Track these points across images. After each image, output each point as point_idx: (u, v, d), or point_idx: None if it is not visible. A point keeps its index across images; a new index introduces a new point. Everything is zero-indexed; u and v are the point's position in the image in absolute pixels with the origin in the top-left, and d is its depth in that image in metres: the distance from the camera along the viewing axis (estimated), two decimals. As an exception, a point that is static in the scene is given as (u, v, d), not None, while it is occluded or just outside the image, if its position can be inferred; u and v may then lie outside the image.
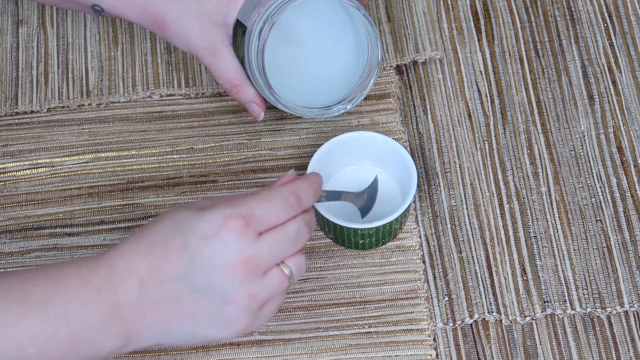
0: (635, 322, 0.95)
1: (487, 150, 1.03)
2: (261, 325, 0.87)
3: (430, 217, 1.00)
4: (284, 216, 0.81)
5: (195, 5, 0.95)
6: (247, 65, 0.96)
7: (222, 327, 0.81)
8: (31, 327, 0.77)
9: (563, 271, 0.97)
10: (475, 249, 0.98)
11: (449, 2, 1.11)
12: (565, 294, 0.96)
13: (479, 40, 1.09)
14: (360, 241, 0.95)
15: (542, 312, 0.95)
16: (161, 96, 1.06)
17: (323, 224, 0.96)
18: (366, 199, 0.94)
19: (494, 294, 0.96)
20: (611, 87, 1.05)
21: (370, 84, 0.99)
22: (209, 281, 0.79)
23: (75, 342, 0.78)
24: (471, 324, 0.95)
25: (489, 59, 1.07)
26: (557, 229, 0.99)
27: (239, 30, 0.96)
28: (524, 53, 1.07)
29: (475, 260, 0.97)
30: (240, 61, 0.97)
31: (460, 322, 0.95)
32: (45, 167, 1.03)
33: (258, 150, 1.03)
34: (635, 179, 1.01)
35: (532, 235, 0.98)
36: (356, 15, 0.97)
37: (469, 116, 1.05)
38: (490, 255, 0.97)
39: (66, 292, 0.78)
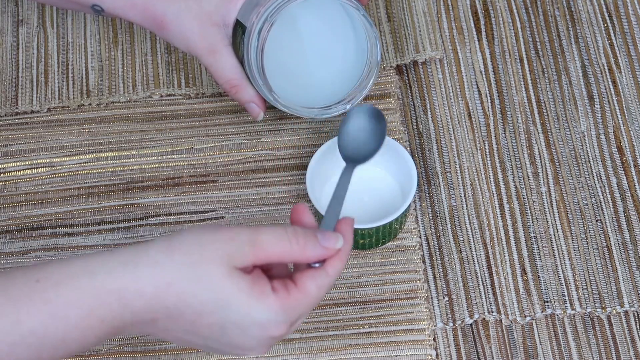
0: (635, 322, 0.95)
1: (487, 150, 1.03)
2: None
3: (430, 217, 1.00)
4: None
5: (195, 6, 0.95)
6: (246, 66, 0.96)
7: (225, 354, 0.80)
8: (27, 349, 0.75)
9: (563, 271, 0.97)
10: (475, 249, 0.98)
11: (449, 2, 1.11)
12: (565, 294, 0.96)
13: (479, 40, 1.09)
14: (360, 241, 0.95)
15: (542, 312, 0.95)
16: (161, 96, 1.06)
17: (323, 224, 0.96)
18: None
19: (494, 294, 0.96)
20: (611, 87, 1.05)
21: (370, 84, 0.99)
22: (229, 342, 0.78)
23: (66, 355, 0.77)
24: (471, 324, 0.95)
25: (489, 59, 1.07)
26: (557, 229, 0.99)
27: (239, 31, 0.96)
28: (524, 53, 1.07)
29: (475, 260, 0.97)
30: (239, 61, 0.97)
31: (460, 322, 0.95)
32: (45, 167, 1.03)
33: (258, 150, 1.03)
34: (635, 179, 1.01)
35: (532, 235, 0.98)
36: (355, 15, 0.97)
37: (469, 116, 1.05)
38: (490, 255, 0.98)
39: (64, 325, 0.74)
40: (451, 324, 0.95)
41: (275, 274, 0.79)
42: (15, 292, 0.74)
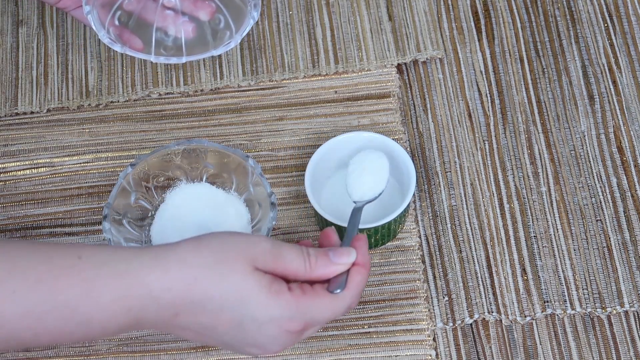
0: (635, 322, 0.95)
1: (487, 150, 1.03)
2: None
3: (430, 217, 1.00)
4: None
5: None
6: None
7: (237, 351, 0.83)
8: (52, 323, 0.76)
9: (563, 271, 0.97)
10: (475, 249, 0.98)
11: (450, 2, 1.11)
12: (565, 294, 0.95)
13: (479, 40, 1.09)
14: (360, 241, 0.95)
15: (542, 312, 0.95)
16: (160, 95, 1.06)
17: (323, 224, 0.96)
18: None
19: (494, 294, 0.96)
20: (611, 87, 1.05)
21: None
22: (245, 351, 0.81)
23: (87, 338, 0.79)
24: (471, 324, 0.95)
25: (489, 59, 1.07)
26: (557, 229, 0.99)
27: None
28: (524, 53, 1.07)
29: (475, 260, 0.97)
30: None
31: (460, 322, 0.95)
32: (45, 167, 1.03)
33: (258, 151, 1.03)
34: (635, 179, 1.01)
35: (532, 235, 0.98)
36: None
37: (469, 116, 1.05)
38: (490, 255, 0.97)
39: (96, 305, 0.77)
40: (451, 324, 0.95)
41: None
42: (58, 262, 0.77)
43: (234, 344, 0.80)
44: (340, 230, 0.94)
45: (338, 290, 0.80)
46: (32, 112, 1.06)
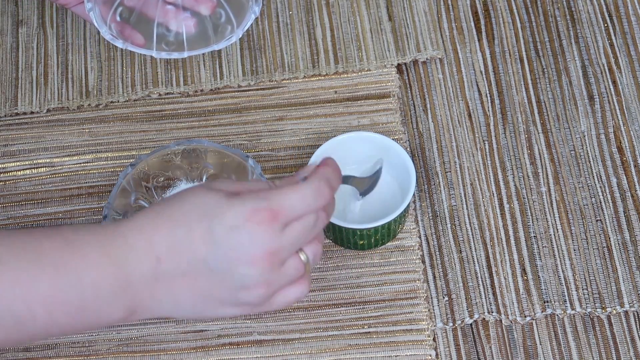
0: (635, 322, 0.95)
1: (487, 150, 1.03)
2: (268, 311, 0.86)
3: (430, 217, 1.00)
4: (311, 209, 0.81)
5: None
6: None
7: (231, 308, 0.82)
8: (43, 290, 0.77)
9: (563, 271, 0.97)
10: (475, 249, 0.98)
11: (450, 2, 1.11)
12: (565, 294, 0.95)
13: (479, 40, 1.09)
14: (360, 241, 0.95)
15: (542, 312, 0.95)
16: (160, 95, 1.06)
17: (322, 224, 0.96)
18: (369, 185, 0.95)
19: (494, 294, 0.96)
20: (611, 87, 1.05)
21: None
22: (229, 268, 0.79)
23: (83, 309, 0.79)
24: (471, 324, 0.95)
25: (489, 59, 1.07)
26: (557, 229, 0.99)
27: None
28: (524, 53, 1.07)
29: (475, 260, 0.97)
30: None
31: (460, 322, 0.95)
32: (45, 167, 1.03)
33: (258, 151, 1.03)
34: (635, 179, 1.01)
35: (532, 235, 0.98)
36: None
37: (469, 116, 1.05)
38: (490, 255, 0.97)
39: (82, 261, 0.78)
40: (451, 324, 0.95)
41: None
42: (38, 232, 0.80)
43: (221, 269, 0.80)
44: (340, 230, 0.94)
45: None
46: (32, 112, 1.06)
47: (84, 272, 0.78)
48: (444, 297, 0.96)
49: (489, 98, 1.05)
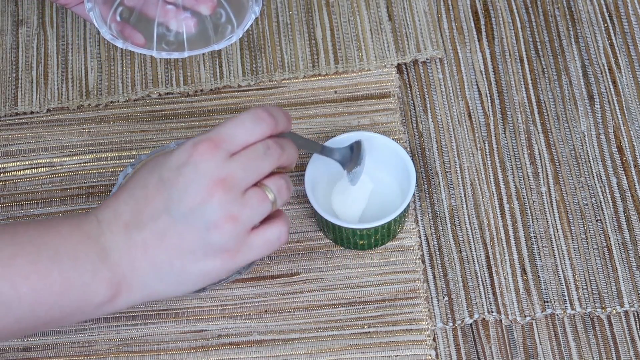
0: (635, 322, 0.95)
1: (487, 150, 1.03)
2: (255, 259, 0.84)
3: (430, 217, 1.00)
4: (254, 135, 0.81)
5: None
6: None
7: (211, 257, 0.81)
8: (24, 266, 0.78)
9: (563, 271, 0.97)
10: (475, 249, 0.98)
11: (450, 2, 1.11)
12: (565, 294, 0.95)
13: (479, 40, 1.09)
14: (360, 241, 0.95)
15: (542, 312, 0.95)
16: (160, 95, 1.06)
17: (322, 224, 0.96)
18: (350, 153, 0.93)
19: (494, 294, 0.96)
20: (611, 87, 1.05)
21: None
22: (189, 209, 0.79)
23: (66, 285, 0.79)
24: (471, 324, 0.95)
25: (489, 59, 1.07)
26: (557, 229, 0.99)
27: None
28: (524, 53, 1.07)
29: (475, 260, 0.97)
30: None
31: (460, 322, 0.95)
32: (45, 167, 1.03)
33: (258, 151, 1.03)
34: (635, 179, 1.01)
35: (532, 235, 0.98)
36: None
37: (469, 116, 1.05)
38: (490, 255, 0.97)
39: (57, 236, 0.80)
40: (451, 324, 0.95)
41: None
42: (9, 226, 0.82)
43: (188, 224, 0.80)
44: (340, 230, 0.94)
45: None
46: (32, 112, 1.06)
47: (60, 246, 0.79)
48: (444, 297, 0.96)
49: (489, 98, 1.05)
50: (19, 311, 0.79)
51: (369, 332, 0.94)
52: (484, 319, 0.95)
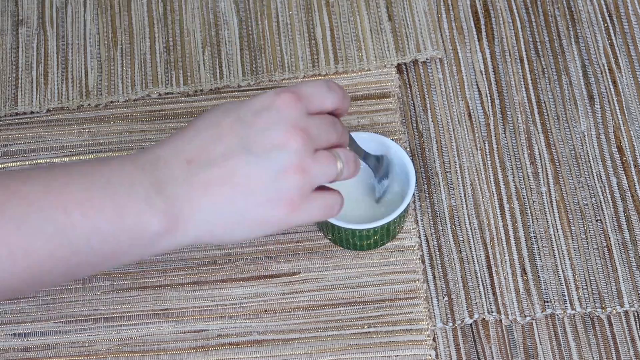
0: (635, 322, 0.95)
1: (487, 150, 1.03)
2: (307, 222, 0.83)
3: (430, 217, 1.00)
4: (326, 101, 0.83)
5: None
6: None
7: (273, 204, 0.80)
8: (75, 193, 0.77)
9: (563, 271, 0.97)
10: (475, 249, 0.98)
11: (450, 2, 1.11)
12: (565, 294, 0.95)
13: (479, 40, 1.09)
14: (359, 242, 0.95)
15: (542, 312, 0.95)
16: (160, 95, 1.06)
17: (322, 224, 0.96)
18: (379, 164, 0.95)
19: (494, 294, 0.96)
20: (611, 87, 1.05)
21: None
22: (264, 150, 0.79)
23: (119, 211, 0.78)
24: (471, 324, 0.95)
25: (489, 59, 1.07)
26: (557, 229, 0.99)
27: None
28: (524, 53, 1.07)
29: (475, 260, 0.97)
30: None
31: (460, 322, 0.95)
32: (45, 167, 1.03)
33: (258, 151, 1.03)
34: (635, 179, 1.01)
35: (532, 235, 0.98)
36: None
37: (469, 116, 1.05)
38: (490, 255, 0.97)
39: (109, 167, 0.79)
40: (451, 324, 0.95)
41: None
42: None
43: (259, 163, 0.80)
44: (339, 231, 0.94)
45: None
46: (32, 112, 1.06)
47: (113, 176, 0.78)
48: (443, 297, 0.96)
49: (489, 98, 1.05)
50: (74, 240, 0.77)
51: (368, 332, 0.94)
52: (484, 319, 0.95)
